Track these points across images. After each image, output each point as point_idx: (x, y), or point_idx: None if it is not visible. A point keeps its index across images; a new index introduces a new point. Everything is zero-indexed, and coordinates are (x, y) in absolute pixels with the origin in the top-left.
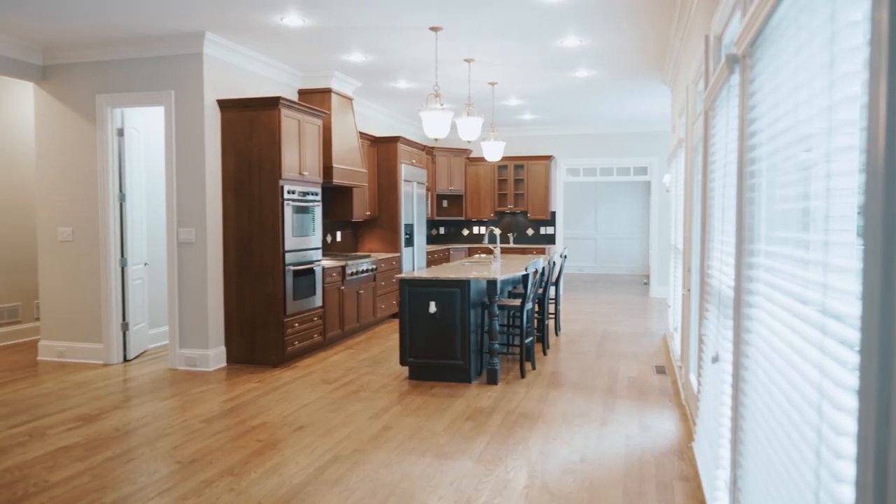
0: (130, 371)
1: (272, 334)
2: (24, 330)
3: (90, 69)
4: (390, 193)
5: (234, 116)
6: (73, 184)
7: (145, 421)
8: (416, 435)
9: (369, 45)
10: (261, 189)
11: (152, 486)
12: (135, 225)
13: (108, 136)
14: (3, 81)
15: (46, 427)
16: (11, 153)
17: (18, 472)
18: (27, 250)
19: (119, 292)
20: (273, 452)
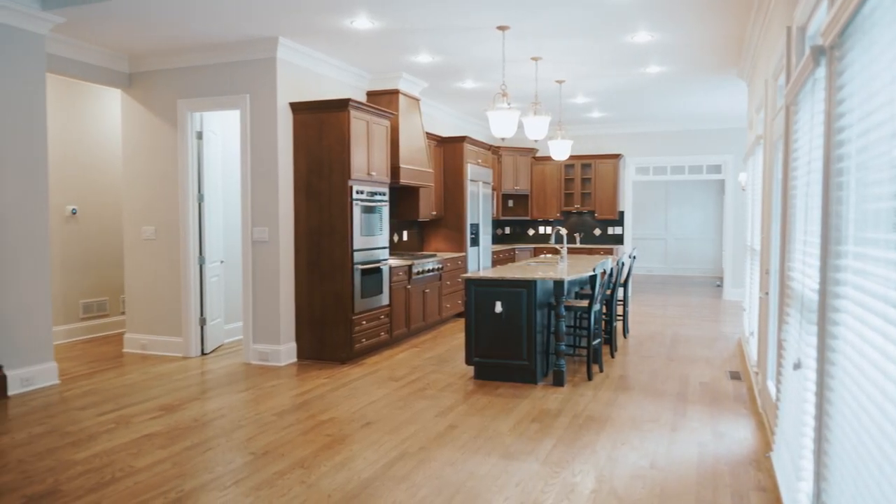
0: (207, 364)
1: (340, 331)
2: (111, 323)
3: (172, 76)
4: (456, 193)
5: (305, 118)
6: (156, 185)
7: (221, 413)
8: (481, 434)
9: (436, 45)
10: (330, 189)
11: (228, 475)
12: (212, 224)
13: (188, 139)
14: (94, 89)
15: (131, 415)
16: (100, 157)
17: (106, 458)
18: (114, 248)
19: (197, 289)
20: (342, 447)
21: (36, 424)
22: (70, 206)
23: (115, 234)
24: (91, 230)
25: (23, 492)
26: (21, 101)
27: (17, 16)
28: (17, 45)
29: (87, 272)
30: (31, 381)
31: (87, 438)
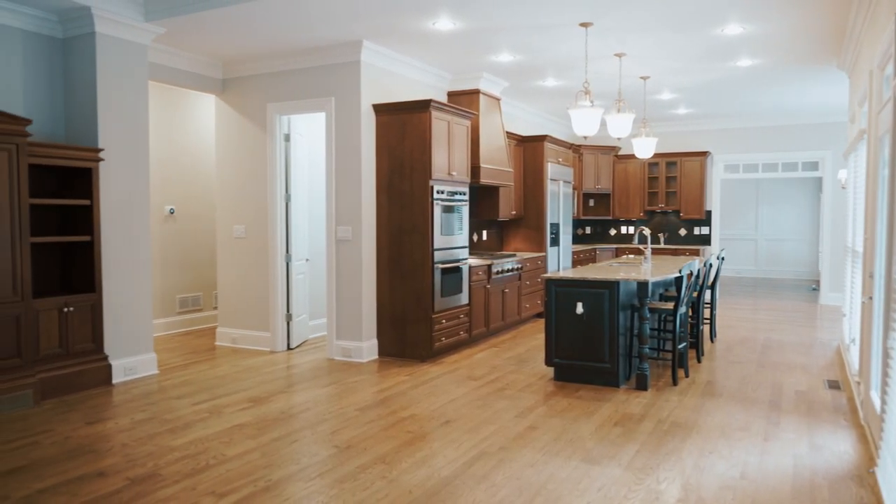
0: (293, 359)
1: (421, 330)
2: (204, 317)
3: (262, 80)
4: (536, 192)
5: (388, 120)
6: (246, 185)
7: (306, 406)
8: (562, 437)
9: (518, 44)
10: (412, 189)
11: (313, 467)
12: (298, 223)
13: (277, 142)
14: (190, 95)
15: (223, 406)
16: (196, 159)
17: (201, 445)
18: (208, 246)
19: (284, 285)
20: (422, 444)
21: (138, 411)
22: (168, 207)
23: (209, 232)
24: (187, 229)
25: (126, 474)
26: (127, 107)
27: (124, 28)
28: (124, 56)
29: (184, 269)
30: (133, 371)
31: (183, 426)
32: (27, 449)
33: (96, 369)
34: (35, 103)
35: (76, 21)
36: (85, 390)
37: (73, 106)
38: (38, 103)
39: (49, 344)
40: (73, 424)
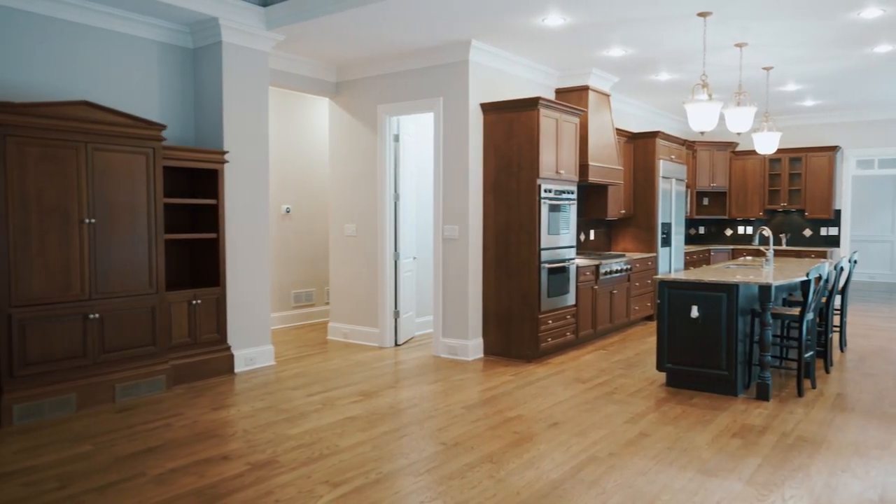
0: (400, 355)
1: (526, 330)
2: (316, 312)
3: (372, 83)
4: (646, 191)
5: (495, 118)
6: (357, 185)
7: (414, 402)
8: (675, 446)
9: (630, 38)
10: (519, 187)
11: (421, 462)
12: (406, 222)
13: (387, 142)
14: (305, 98)
15: (335, 398)
16: (310, 160)
17: (315, 435)
18: (321, 244)
19: (392, 283)
20: (529, 445)
21: (257, 400)
22: (285, 206)
23: (322, 231)
24: (302, 227)
25: (247, 459)
26: (249, 112)
27: (248, 37)
28: (247, 63)
29: (298, 265)
30: (252, 361)
31: (298, 416)
32: (161, 430)
33: (220, 359)
34: (169, 109)
35: (205, 32)
36: (210, 378)
37: (202, 111)
38: (171, 109)
39: (180, 334)
40: (200, 409)
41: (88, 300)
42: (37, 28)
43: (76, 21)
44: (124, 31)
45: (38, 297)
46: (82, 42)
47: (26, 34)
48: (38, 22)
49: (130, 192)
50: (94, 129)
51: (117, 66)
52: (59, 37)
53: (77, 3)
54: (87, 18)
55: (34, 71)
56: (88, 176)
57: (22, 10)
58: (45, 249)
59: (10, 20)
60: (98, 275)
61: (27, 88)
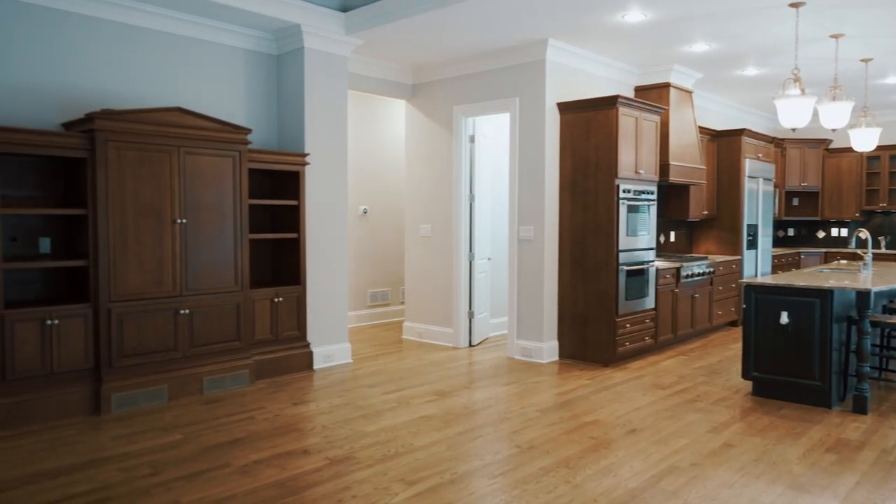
0: (474, 356)
1: (603, 333)
2: (391, 312)
3: (448, 84)
4: (731, 191)
5: (572, 118)
6: (433, 186)
7: (488, 403)
8: (763, 458)
9: (715, 32)
10: (596, 188)
11: (496, 464)
12: (481, 223)
13: (462, 143)
14: (381, 101)
15: (410, 397)
16: (387, 162)
17: (391, 433)
18: (396, 244)
19: (467, 284)
20: (607, 451)
21: (335, 396)
22: (362, 206)
23: (398, 231)
24: (378, 227)
25: (326, 454)
26: (329, 115)
27: (328, 42)
28: (327, 68)
29: (374, 265)
30: (330, 358)
31: (374, 414)
32: (245, 423)
33: (300, 355)
34: (254, 114)
35: (288, 38)
36: (290, 373)
37: (284, 115)
38: (256, 114)
39: (262, 330)
40: (281, 404)
41: (179, 296)
42: (135, 39)
43: (170, 32)
44: (214, 40)
45: (134, 292)
46: (176, 51)
47: (126, 45)
48: (137, 33)
49: (218, 194)
50: (185, 133)
51: (207, 73)
52: (155, 47)
53: (172, 14)
54: (181, 29)
55: (132, 79)
56: (180, 178)
57: (123, 22)
58: (141, 248)
59: (112, 33)
60: (188, 272)
61: (126, 96)
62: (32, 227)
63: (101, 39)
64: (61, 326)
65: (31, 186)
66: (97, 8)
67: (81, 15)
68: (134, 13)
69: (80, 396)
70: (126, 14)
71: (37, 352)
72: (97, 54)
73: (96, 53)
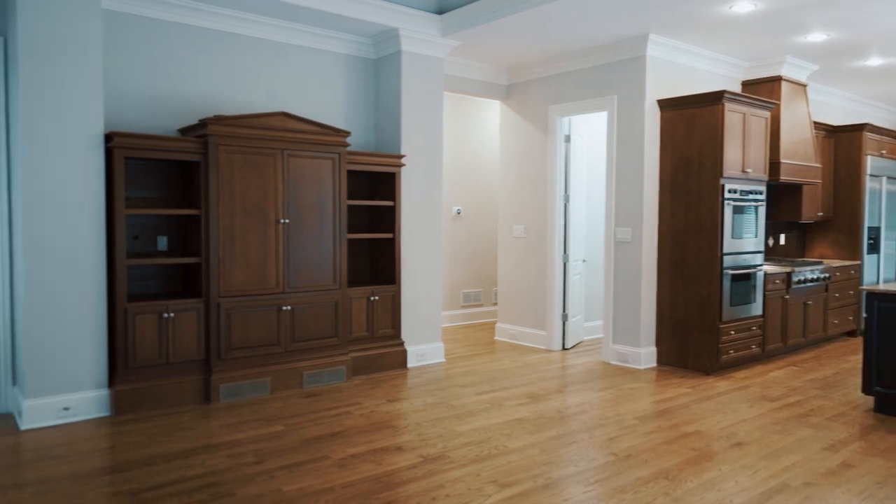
0: (567, 359)
1: (705, 340)
2: (483, 312)
3: (543, 84)
4: (850, 190)
5: (673, 115)
6: (527, 187)
7: (582, 408)
8: (888, 482)
9: (833, 20)
10: (699, 188)
11: (591, 471)
12: (576, 224)
13: (557, 143)
14: (477, 101)
15: (503, 399)
16: (481, 162)
17: (484, 434)
18: (490, 245)
19: (561, 286)
20: (709, 465)
21: (428, 395)
22: (456, 207)
23: (491, 232)
24: (472, 228)
25: (419, 452)
26: (425, 117)
27: (425, 44)
28: (424, 70)
29: (467, 265)
30: (424, 357)
31: (467, 414)
32: (342, 418)
33: (395, 353)
34: (352, 117)
35: (386, 42)
36: (385, 371)
37: (381, 117)
38: (354, 116)
39: (359, 328)
40: (376, 400)
41: (282, 293)
42: (243, 48)
43: (275, 40)
44: (316, 46)
45: (241, 289)
46: (280, 59)
47: (235, 54)
48: (245, 42)
49: (318, 195)
50: (289, 136)
51: (309, 78)
52: (261, 55)
53: (278, 23)
54: (285, 37)
55: (240, 86)
56: (283, 180)
57: (232, 33)
58: (247, 247)
59: (223, 43)
60: (290, 270)
61: (235, 102)
62: (152, 226)
63: (212, 49)
64: (176, 319)
65: (151, 188)
66: (209, 20)
67: (194, 27)
68: (242, 23)
69: (192, 386)
70: (235, 24)
71: (155, 343)
72: (209, 64)
73: (208, 63)
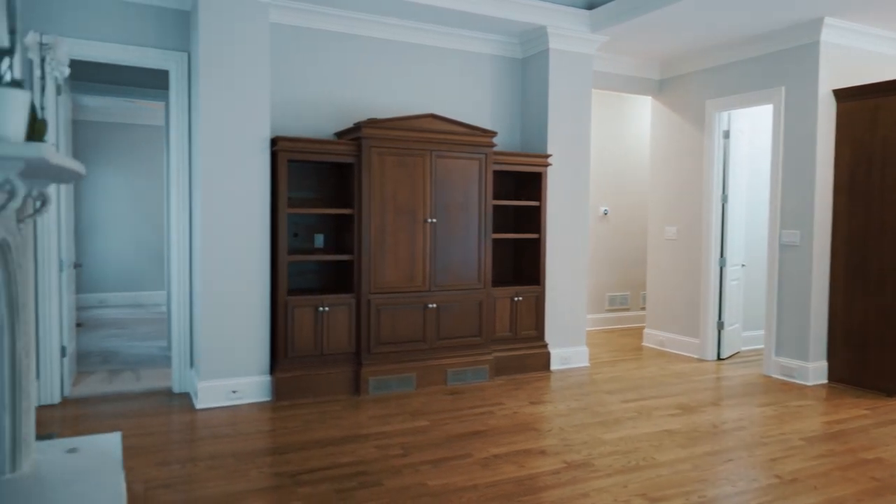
0: (723, 370)
1: (888, 356)
2: (630, 317)
3: (699, 77)
4: None
5: (853, 107)
6: (680, 186)
7: (740, 424)
8: None
9: None
10: (882, 185)
11: (751, 493)
12: (734, 226)
13: (715, 140)
14: (625, 98)
15: (652, 408)
16: (629, 161)
17: (631, 444)
18: (638, 247)
19: (716, 291)
20: (894, 498)
21: (572, 399)
22: (603, 207)
23: (639, 233)
24: (619, 229)
25: (563, 457)
26: (572, 116)
27: (573, 41)
28: (571, 68)
29: (614, 268)
30: (567, 360)
31: (613, 421)
32: (485, 417)
33: (537, 355)
34: (498, 117)
35: (533, 41)
36: (527, 372)
37: (528, 117)
38: (500, 116)
39: (502, 328)
40: (519, 402)
41: (428, 291)
42: (393, 53)
43: (424, 44)
44: (463, 48)
45: (390, 286)
46: (428, 61)
47: (385, 58)
48: (395, 47)
49: (465, 195)
50: (437, 138)
51: (456, 80)
52: (410, 59)
53: (427, 27)
54: (433, 41)
55: (391, 89)
56: (431, 180)
57: (383, 38)
58: (396, 245)
59: (374, 48)
60: (436, 269)
61: (386, 105)
62: (310, 225)
63: (363, 56)
64: (330, 313)
65: (308, 189)
66: (361, 28)
67: (347, 35)
68: (392, 29)
69: (343, 377)
70: (385, 31)
71: (311, 334)
72: (360, 69)
73: (361, 68)
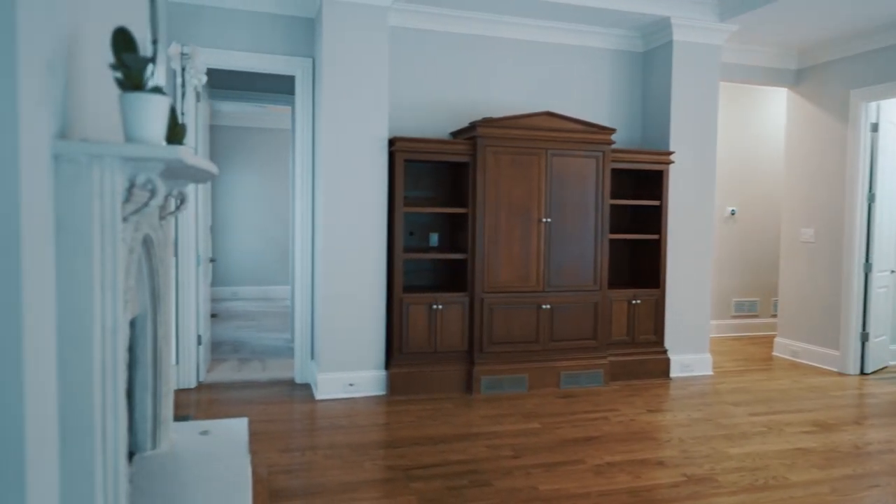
0: (868, 386)
1: None
2: (759, 324)
3: (843, 65)
4: None
5: None
6: (818, 184)
7: (889, 446)
8: None
9: None
10: None
11: None
12: (882, 227)
13: (861, 133)
14: (756, 90)
15: (783, 423)
16: (760, 158)
17: (759, 461)
18: (769, 250)
19: (860, 300)
20: None
21: (694, 409)
22: (730, 207)
23: (770, 235)
24: (747, 231)
25: (683, 470)
26: (697, 110)
27: (699, 32)
28: (697, 60)
29: (741, 272)
30: (689, 368)
31: (739, 435)
32: (599, 423)
33: (656, 361)
34: (617, 113)
35: (656, 34)
36: (645, 378)
37: (648, 113)
38: (618, 113)
39: (618, 331)
40: (636, 409)
41: (542, 292)
42: (507, 51)
43: (539, 41)
44: (580, 43)
45: (503, 285)
46: (543, 59)
47: (500, 56)
48: (509, 45)
49: (581, 194)
50: (553, 136)
51: (572, 76)
52: (524, 56)
53: (542, 24)
54: (549, 37)
55: (506, 88)
56: (547, 179)
57: (496, 37)
58: (511, 244)
59: (488, 46)
60: (550, 269)
61: (501, 103)
62: (425, 224)
63: (480, 54)
64: (444, 311)
65: (423, 188)
66: (475, 27)
67: (461, 34)
68: (510, 27)
69: (455, 375)
70: (499, 29)
71: (425, 332)
72: (477, 68)
73: (476, 67)
